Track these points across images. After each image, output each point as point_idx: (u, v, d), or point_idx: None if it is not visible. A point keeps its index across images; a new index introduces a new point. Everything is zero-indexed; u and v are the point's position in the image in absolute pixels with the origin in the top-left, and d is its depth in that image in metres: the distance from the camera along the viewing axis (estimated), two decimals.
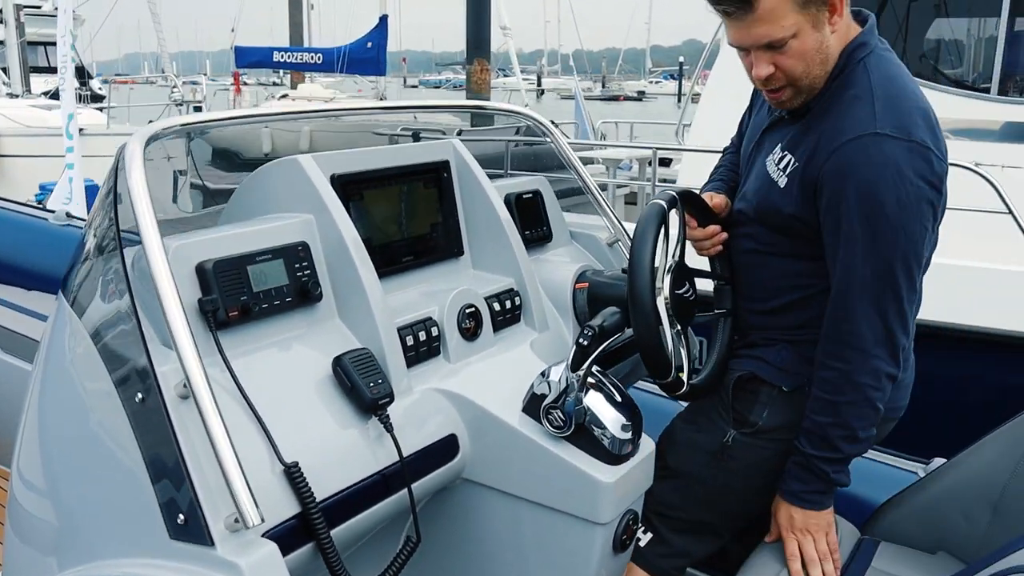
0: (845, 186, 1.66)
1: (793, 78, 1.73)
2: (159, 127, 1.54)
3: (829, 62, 1.73)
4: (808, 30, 1.68)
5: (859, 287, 1.69)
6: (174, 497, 1.33)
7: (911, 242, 1.66)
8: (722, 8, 1.69)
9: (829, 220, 1.70)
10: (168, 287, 1.34)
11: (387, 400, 1.59)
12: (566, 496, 1.67)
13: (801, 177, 1.74)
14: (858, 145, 1.65)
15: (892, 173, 1.63)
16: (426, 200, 1.99)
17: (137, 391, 1.38)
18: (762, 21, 1.66)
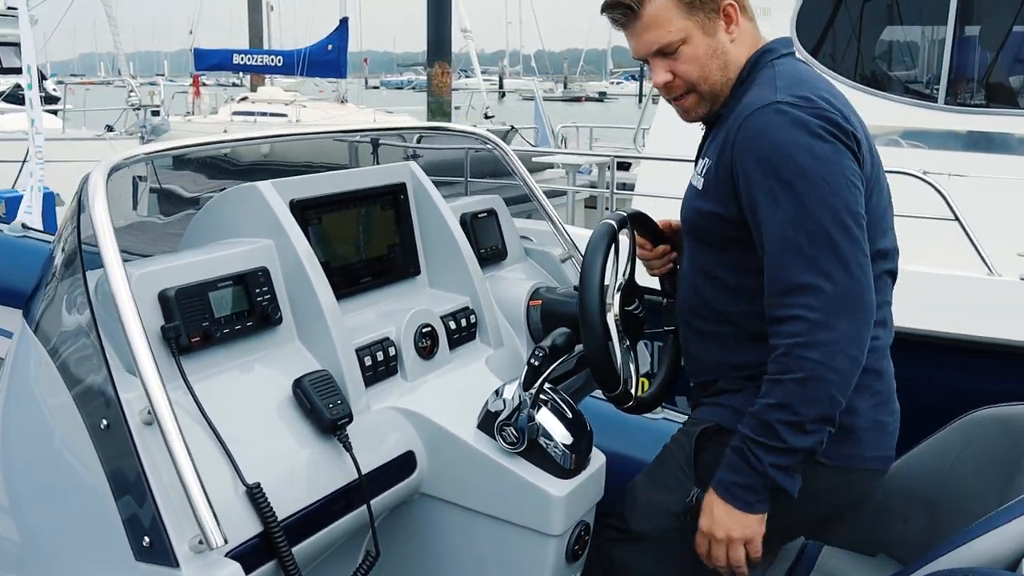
0: (753, 157, 1.62)
1: (691, 83, 1.76)
2: (122, 157, 1.58)
3: (730, 68, 1.76)
4: (698, 35, 1.72)
5: (794, 255, 1.58)
6: (139, 519, 1.38)
7: (837, 195, 1.58)
8: (612, 18, 1.77)
9: (747, 201, 1.65)
10: (131, 315, 1.38)
11: (346, 420, 1.64)
12: (520, 509, 1.74)
13: (715, 172, 1.72)
14: (758, 115, 1.63)
15: (798, 130, 1.59)
16: (383, 222, 2.05)
17: (102, 417, 1.42)
18: (649, 28, 1.73)
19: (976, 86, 5.94)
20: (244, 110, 20.59)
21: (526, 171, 2.49)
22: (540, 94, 14.65)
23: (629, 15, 1.73)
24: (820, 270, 1.56)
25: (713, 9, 1.73)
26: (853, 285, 1.57)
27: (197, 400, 1.49)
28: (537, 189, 2.49)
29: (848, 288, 1.56)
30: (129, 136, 13.14)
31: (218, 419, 1.49)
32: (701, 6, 1.71)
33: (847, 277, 1.56)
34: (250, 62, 20.79)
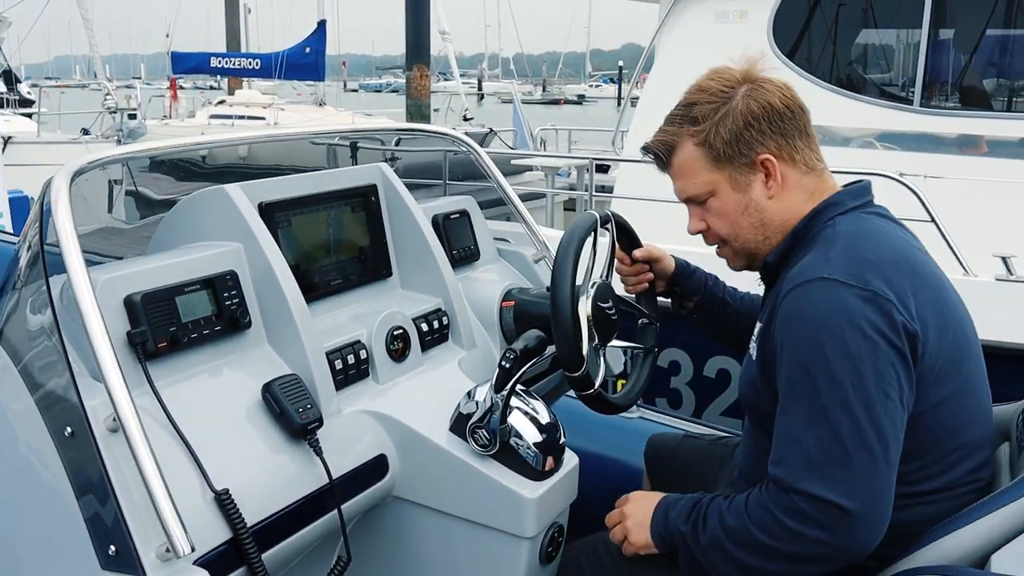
0: (790, 336, 1.47)
1: (721, 237, 1.70)
2: (85, 161, 1.56)
3: (769, 227, 1.65)
4: (727, 190, 1.64)
5: (802, 460, 1.43)
6: (105, 528, 1.36)
7: (866, 406, 1.40)
8: (651, 160, 1.73)
9: (779, 386, 1.50)
10: (95, 322, 1.37)
11: (316, 424, 1.63)
12: (492, 512, 1.73)
13: (763, 341, 1.57)
14: (802, 291, 1.47)
15: (837, 318, 1.42)
16: (354, 224, 2.03)
17: (66, 424, 1.40)
18: (678, 176, 1.68)
19: (951, 89, 6.00)
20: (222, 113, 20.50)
21: (499, 172, 2.49)
22: (519, 97, 14.67)
23: (660, 163, 1.70)
24: (825, 481, 1.41)
25: (746, 164, 1.62)
26: (858, 507, 1.40)
27: (164, 406, 1.47)
28: (510, 191, 2.48)
29: (853, 510, 1.40)
30: (105, 139, 13.07)
31: (186, 425, 1.47)
32: (729, 160, 1.62)
33: (852, 498, 1.40)
34: (227, 65, 20.73)
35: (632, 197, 5.70)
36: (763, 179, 1.62)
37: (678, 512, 1.63)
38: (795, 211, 1.64)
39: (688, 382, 4.87)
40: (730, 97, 1.62)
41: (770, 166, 1.61)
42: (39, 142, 12.22)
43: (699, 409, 4.86)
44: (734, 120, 1.60)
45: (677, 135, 1.66)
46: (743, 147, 1.61)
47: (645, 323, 2.06)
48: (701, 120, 1.62)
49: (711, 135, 1.61)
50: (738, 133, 1.60)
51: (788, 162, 1.62)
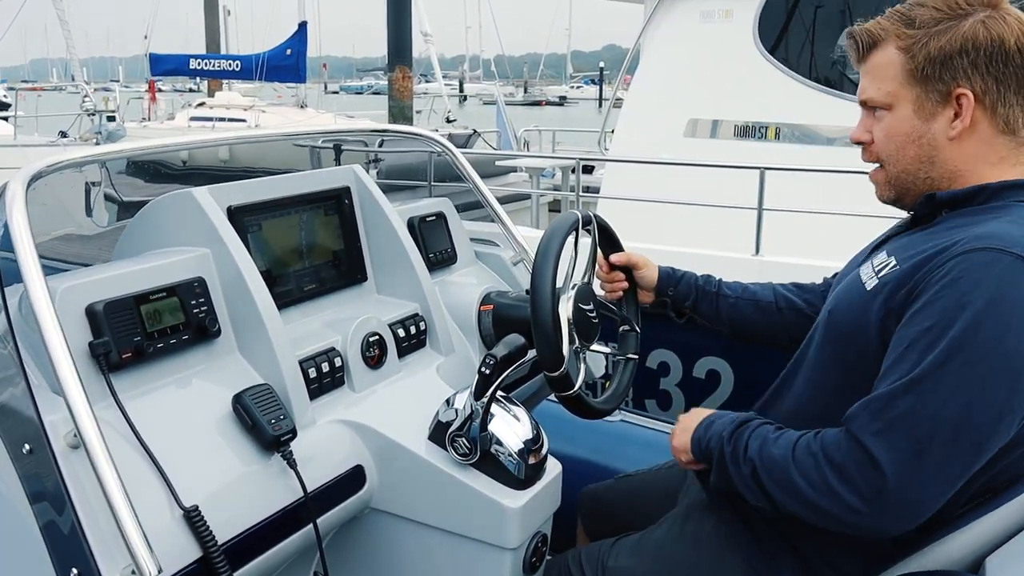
0: (947, 296, 1.30)
1: (880, 156, 1.53)
2: (44, 164, 1.49)
3: (935, 168, 1.48)
4: (908, 111, 1.47)
5: (885, 416, 1.31)
6: (67, 549, 1.29)
7: (986, 412, 1.28)
8: (848, 45, 1.55)
9: (904, 334, 1.34)
10: (54, 332, 1.30)
11: (289, 436, 1.57)
12: (474, 522, 1.68)
13: (898, 279, 1.39)
14: (988, 259, 1.29)
15: (1014, 312, 1.27)
16: (327, 228, 1.98)
17: (24, 441, 1.34)
18: (867, 73, 1.52)
19: None
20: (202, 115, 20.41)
21: (475, 174, 2.44)
22: (502, 98, 14.64)
23: (856, 50, 1.53)
24: (891, 451, 1.30)
25: (940, 92, 1.44)
26: (902, 496, 1.31)
27: (129, 419, 1.41)
28: (487, 192, 2.44)
29: (897, 496, 1.31)
30: (84, 142, 12.94)
31: (152, 439, 1.41)
32: (925, 80, 1.44)
33: (903, 485, 1.30)
34: (207, 67, 20.64)
35: (618, 197, 5.68)
36: (951, 115, 1.44)
37: (722, 424, 1.57)
38: (976, 169, 1.45)
39: (678, 383, 4.84)
40: (962, 15, 1.42)
41: (965, 104, 1.42)
42: (16, 145, 12.08)
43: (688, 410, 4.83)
44: (951, 40, 1.41)
45: (886, 32, 1.48)
46: (946, 72, 1.42)
47: (626, 330, 2.02)
48: (918, 25, 1.44)
49: (919, 45, 1.44)
50: (948, 56, 1.42)
51: (987, 110, 1.43)
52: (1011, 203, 1.42)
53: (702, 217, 5.14)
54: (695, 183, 5.37)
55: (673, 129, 6.06)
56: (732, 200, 4.99)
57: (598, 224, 1.93)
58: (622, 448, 2.66)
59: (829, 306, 1.58)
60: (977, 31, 1.40)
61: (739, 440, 1.52)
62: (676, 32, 6.26)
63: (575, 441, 2.54)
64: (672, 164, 5.57)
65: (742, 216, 4.89)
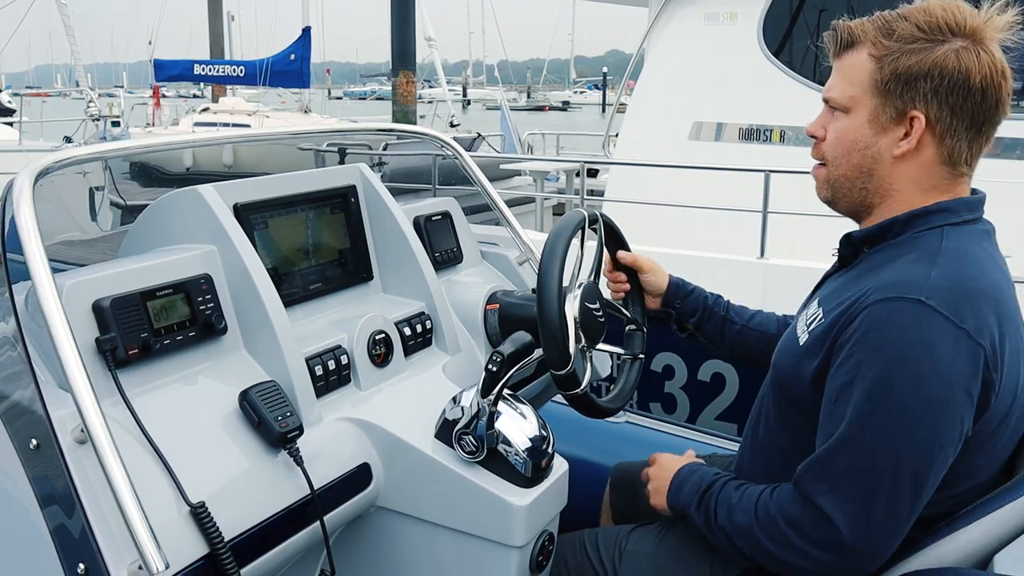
0: (862, 350, 1.36)
1: (826, 156, 1.56)
2: (50, 161, 1.49)
3: (872, 181, 1.50)
4: (863, 119, 1.48)
5: (830, 475, 1.38)
6: (74, 544, 1.29)
7: (916, 455, 1.33)
8: (829, 38, 1.55)
9: (832, 387, 1.41)
10: (61, 328, 1.30)
11: (296, 433, 1.57)
12: (481, 521, 1.67)
13: (822, 332, 1.45)
14: (894, 309, 1.34)
15: (923, 361, 1.31)
16: (333, 226, 1.98)
17: (31, 436, 1.34)
18: (837, 71, 1.53)
19: None
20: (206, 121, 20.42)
21: (483, 176, 2.44)
22: (506, 102, 14.65)
23: (835, 47, 1.53)
24: (842, 507, 1.37)
25: (897, 108, 1.45)
26: (861, 546, 1.37)
27: (136, 415, 1.40)
28: (495, 194, 2.44)
29: (855, 546, 1.37)
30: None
31: (159, 435, 1.41)
32: (886, 93, 1.45)
33: (857, 537, 1.37)
34: (211, 72, 20.65)
35: (623, 200, 5.68)
36: (901, 134, 1.46)
37: (690, 489, 1.63)
38: (906, 192, 1.49)
39: (682, 386, 4.83)
40: (940, 41, 1.42)
41: (916, 126, 1.44)
42: (21, 150, 12.10)
43: (694, 413, 4.83)
44: (921, 62, 1.42)
45: (865, 35, 1.48)
46: (907, 91, 1.43)
47: (632, 329, 2.01)
48: (896, 38, 1.45)
49: (890, 58, 1.44)
50: (914, 76, 1.42)
51: (935, 137, 1.44)
52: (918, 233, 1.46)
53: (707, 220, 5.13)
54: (700, 186, 5.37)
55: (678, 132, 6.06)
56: (737, 203, 4.99)
57: (604, 223, 1.93)
58: (629, 448, 2.65)
59: (773, 360, 1.64)
60: (948, 60, 1.41)
61: (708, 508, 1.58)
62: (680, 35, 6.27)
63: (580, 442, 2.53)
64: (676, 167, 5.57)
65: (747, 219, 4.89)
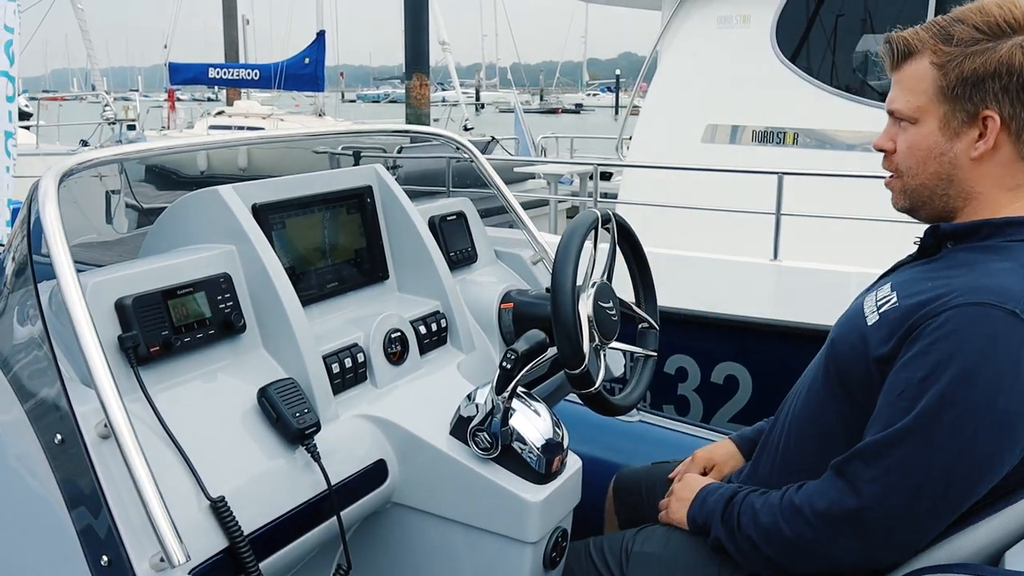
0: (942, 348, 1.32)
1: (900, 167, 1.53)
2: (75, 162, 1.53)
3: (952, 187, 1.48)
4: (933, 126, 1.46)
5: (877, 465, 1.38)
6: (98, 538, 1.32)
7: (974, 464, 1.33)
8: (884, 51, 1.54)
9: (899, 378, 1.38)
10: (85, 325, 1.33)
11: (313, 429, 1.59)
12: (495, 516, 1.69)
13: (897, 318, 1.41)
14: (984, 315, 1.31)
15: (1007, 372, 1.30)
16: (350, 226, 2.00)
17: (56, 432, 1.36)
18: (897, 82, 1.51)
19: None
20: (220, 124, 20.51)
21: (497, 176, 2.46)
22: (520, 105, 14.67)
23: (892, 60, 1.51)
24: (884, 495, 1.38)
25: (967, 112, 1.43)
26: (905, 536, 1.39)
27: (157, 411, 1.43)
28: (510, 195, 2.46)
29: (897, 536, 1.39)
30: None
31: (179, 431, 1.44)
32: (954, 99, 1.43)
33: (911, 526, 1.38)
34: (226, 76, 20.75)
35: (636, 203, 5.69)
36: (975, 136, 1.44)
37: (715, 499, 1.65)
38: (991, 194, 1.47)
39: (695, 388, 4.84)
40: (1000, 37, 1.40)
41: (991, 126, 1.42)
42: (38, 153, 12.19)
43: (707, 415, 4.83)
44: (986, 62, 1.40)
45: (922, 44, 1.46)
46: (976, 93, 1.42)
47: (645, 327, 2.03)
48: (955, 42, 1.43)
49: (953, 63, 1.42)
50: (981, 78, 1.41)
51: (1011, 135, 1.42)
52: (1013, 242, 1.43)
53: (720, 222, 5.14)
54: (713, 189, 5.37)
55: (691, 135, 6.07)
56: (750, 205, 4.99)
57: (618, 223, 1.95)
58: (641, 447, 2.67)
59: (832, 335, 1.60)
60: (1014, 56, 1.39)
61: (731, 517, 1.59)
62: (694, 38, 6.27)
63: (594, 440, 2.55)
64: (689, 169, 5.57)
65: (760, 221, 4.89)
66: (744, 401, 4.75)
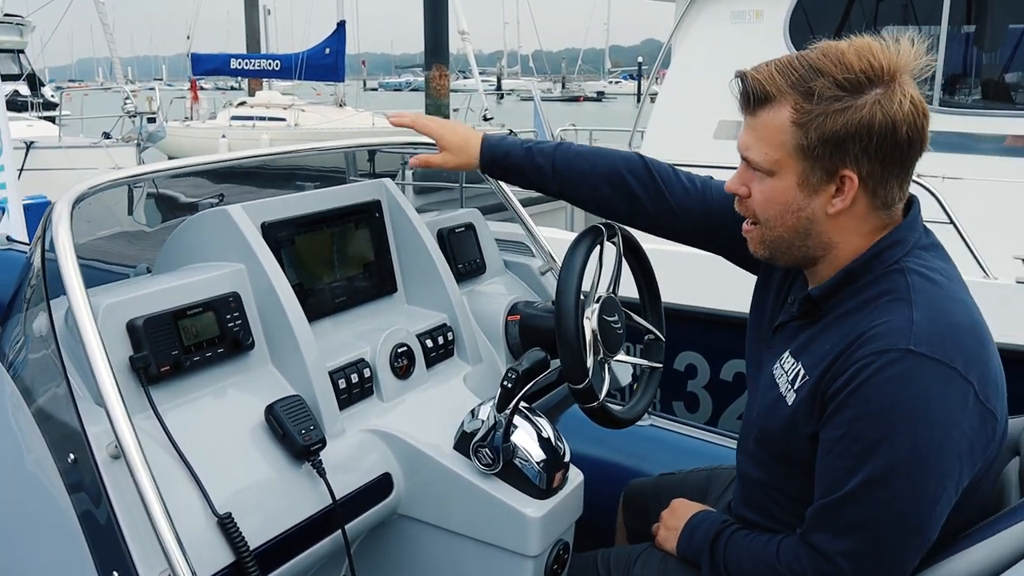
0: (856, 406, 1.35)
1: (757, 216, 1.51)
2: (87, 186, 1.57)
3: (810, 239, 1.47)
4: (791, 182, 1.43)
5: (837, 528, 1.40)
6: (108, 553, 1.37)
7: (918, 502, 1.34)
8: (738, 91, 1.48)
9: (826, 439, 1.41)
10: (96, 347, 1.37)
11: (319, 445, 1.63)
12: (497, 530, 1.73)
13: (810, 392, 1.44)
14: (885, 361, 1.33)
15: (918, 411, 1.32)
16: (358, 241, 2.04)
17: (69, 451, 1.41)
18: (751, 129, 1.46)
19: (971, 86, 5.91)
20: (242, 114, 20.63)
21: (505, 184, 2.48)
22: (539, 96, 14.61)
23: (746, 101, 1.46)
24: (855, 560, 1.40)
25: (827, 170, 1.40)
26: None
27: (167, 430, 1.48)
28: (512, 197, 2.47)
29: None
30: (126, 143, 13.16)
31: (189, 448, 1.48)
32: (815, 157, 1.39)
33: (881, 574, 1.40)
34: (248, 66, 20.87)
35: None
36: (832, 191, 1.42)
37: (700, 538, 1.67)
38: (848, 240, 1.47)
39: (705, 385, 4.84)
40: (861, 92, 1.37)
41: (848, 185, 1.41)
42: (61, 146, 12.32)
43: (716, 413, 4.83)
44: (847, 124, 1.37)
45: (780, 94, 1.41)
46: (836, 153, 1.39)
47: (651, 339, 2.05)
48: (816, 99, 1.38)
49: (814, 123, 1.38)
50: (842, 139, 1.38)
51: (868, 191, 1.42)
52: (879, 275, 1.44)
53: None
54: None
55: (703, 130, 6.04)
56: None
57: (623, 234, 1.96)
58: (653, 451, 2.68)
59: (759, 425, 1.60)
60: (874, 116, 1.36)
61: (716, 558, 1.62)
62: (706, 33, 6.24)
63: (604, 445, 2.57)
64: (701, 167, 5.55)
65: None
66: None
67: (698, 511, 1.76)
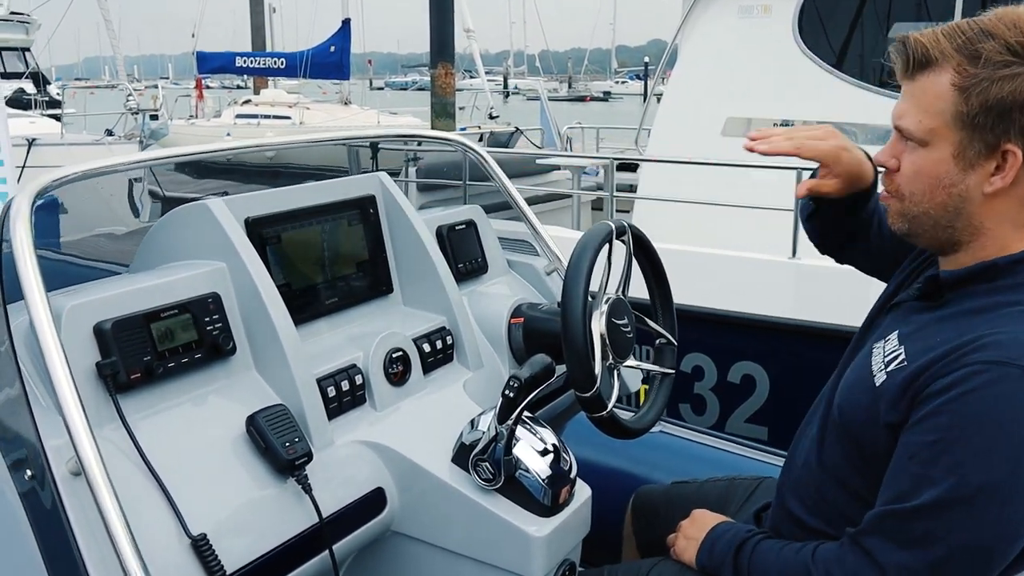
0: (950, 418, 1.23)
1: (902, 191, 1.37)
2: (49, 180, 1.45)
3: (959, 219, 1.33)
4: (946, 153, 1.30)
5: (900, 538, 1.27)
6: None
7: (1002, 534, 1.23)
8: (895, 55, 1.36)
9: (910, 441, 1.28)
10: (55, 353, 1.26)
11: (304, 459, 1.51)
12: (498, 550, 1.61)
13: (906, 380, 1.30)
14: (1001, 374, 1.20)
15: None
16: (351, 238, 1.92)
17: (27, 469, 1.29)
18: (909, 95, 1.33)
19: None
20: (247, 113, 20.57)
21: (504, 175, 2.37)
22: (545, 95, 14.53)
23: (906, 66, 1.33)
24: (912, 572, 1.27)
25: (987, 143, 1.27)
26: None
27: (136, 443, 1.36)
28: (518, 196, 2.36)
29: None
30: (128, 140, 13.11)
31: (160, 463, 1.37)
32: (973, 128, 1.27)
33: None
34: (253, 64, 20.83)
35: (653, 198, 5.58)
36: (991, 168, 1.28)
37: (723, 547, 1.53)
38: (1000, 229, 1.33)
39: (712, 388, 4.75)
40: None
41: (1011, 161, 1.27)
42: (63, 143, 12.27)
43: (723, 416, 4.75)
44: (1015, 91, 1.23)
45: (944, 56, 1.28)
46: (999, 124, 1.25)
47: (663, 343, 1.93)
48: (982, 62, 1.25)
49: (977, 88, 1.25)
50: (1008, 108, 1.24)
51: None
52: (1022, 281, 1.31)
53: (739, 218, 5.02)
54: (732, 183, 5.25)
55: (711, 128, 5.94)
56: (770, 201, 4.87)
57: (633, 234, 1.85)
58: (663, 459, 2.58)
59: (838, 400, 1.47)
60: None
61: (741, 570, 1.48)
62: (714, 29, 6.14)
63: (612, 452, 2.47)
64: (708, 164, 5.44)
65: (779, 218, 4.76)
66: (761, 401, 4.66)
67: (721, 521, 1.63)
